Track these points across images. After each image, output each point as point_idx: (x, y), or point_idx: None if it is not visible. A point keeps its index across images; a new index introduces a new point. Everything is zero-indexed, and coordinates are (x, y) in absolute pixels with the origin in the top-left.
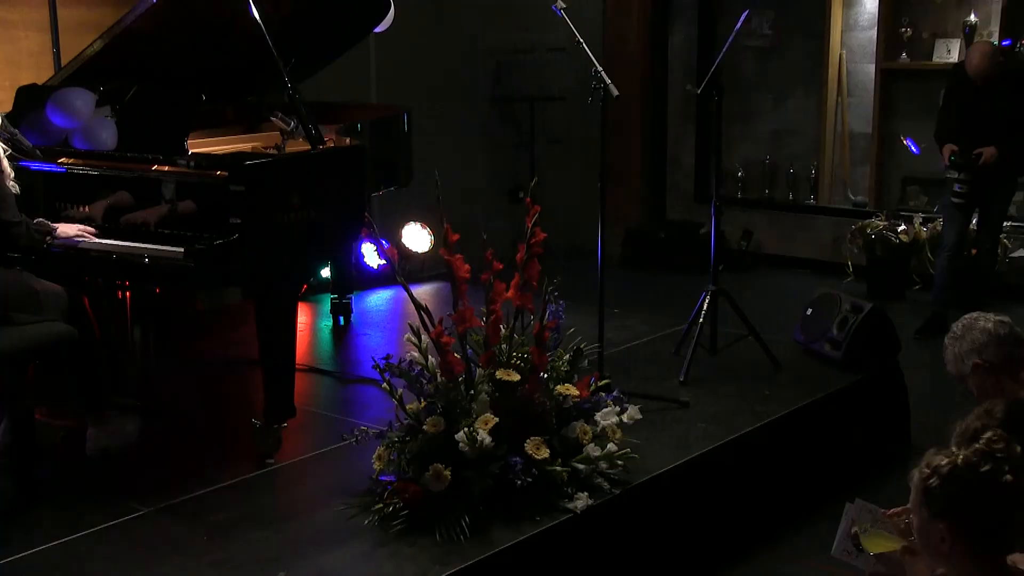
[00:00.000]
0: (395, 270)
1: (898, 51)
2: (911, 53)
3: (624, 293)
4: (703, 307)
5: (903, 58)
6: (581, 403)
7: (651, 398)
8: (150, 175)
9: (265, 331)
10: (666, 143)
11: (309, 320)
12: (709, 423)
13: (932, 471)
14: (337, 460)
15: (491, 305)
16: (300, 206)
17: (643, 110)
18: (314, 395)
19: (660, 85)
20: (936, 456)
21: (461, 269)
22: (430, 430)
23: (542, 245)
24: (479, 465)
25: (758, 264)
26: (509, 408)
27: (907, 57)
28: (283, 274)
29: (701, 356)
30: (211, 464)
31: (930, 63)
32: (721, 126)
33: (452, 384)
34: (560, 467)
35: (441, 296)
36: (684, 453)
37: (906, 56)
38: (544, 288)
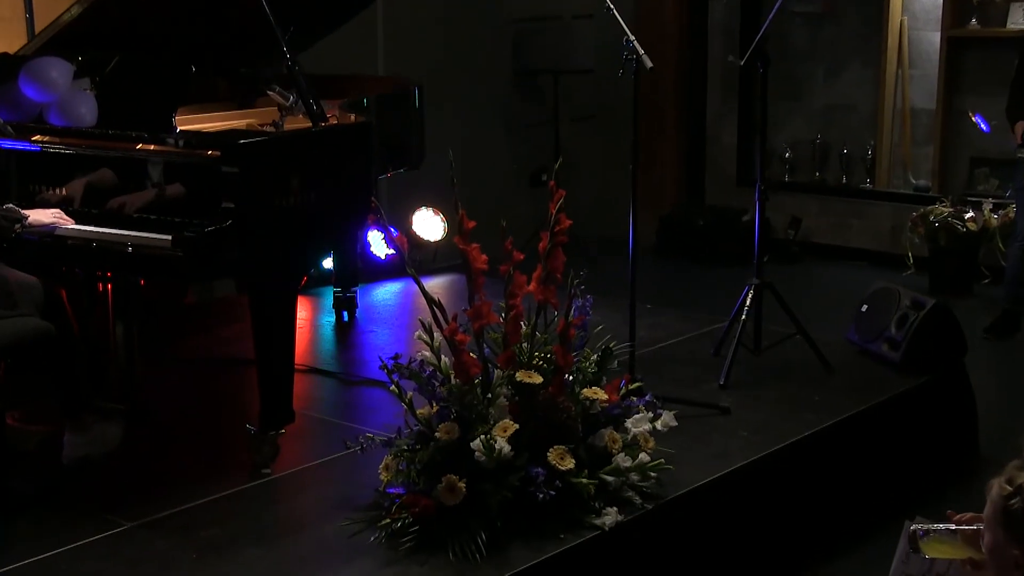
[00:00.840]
0: (405, 261)
1: (967, 16)
2: (982, 19)
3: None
4: (746, 303)
5: (972, 24)
6: (610, 408)
7: (687, 403)
8: (134, 155)
9: (261, 328)
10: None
11: (309, 316)
12: (752, 431)
13: (1016, 491)
14: (340, 470)
15: (511, 299)
16: (300, 190)
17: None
18: (315, 398)
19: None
20: (1022, 474)
21: (477, 260)
22: (443, 438)
23: (567, 233)
24: (497, 476)
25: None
26: (530, 414)
27: (977, 23)
28: (281, 265)
29: (743, 357)
30: (201, 474)
31: (1003, 30)
32: (767, 101)
33: (467, 387)
34: (586, 479)
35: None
36: (724, 464)
37: (976, 22)
38: (569, 281)
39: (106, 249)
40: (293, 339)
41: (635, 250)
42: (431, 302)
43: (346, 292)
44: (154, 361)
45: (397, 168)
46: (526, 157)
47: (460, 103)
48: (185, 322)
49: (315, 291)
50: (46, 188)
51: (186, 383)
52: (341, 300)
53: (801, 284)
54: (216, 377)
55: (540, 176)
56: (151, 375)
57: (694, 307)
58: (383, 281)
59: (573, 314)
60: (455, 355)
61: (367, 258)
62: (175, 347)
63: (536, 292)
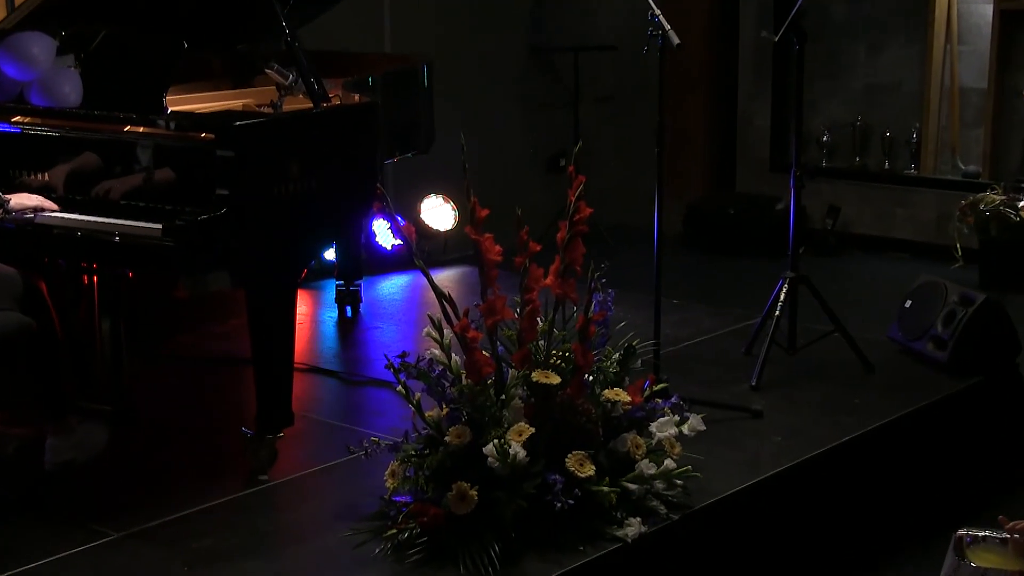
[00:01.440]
0: (412, 252)
1: None
2: None
3: (685, 280)
4: (779, 298)
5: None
6: (633, 411)
7: (717, 406)
8: (122, 137)
9: (258, 324)
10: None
11: (310, 311)
12: (786, 436)
13: None
14: (343, 477)
15: (527, 294)
16: (300, 175)
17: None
18: (316, 400)
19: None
20: None
21: (491, 251)
22: (453, 442)
23: (588, 223)
24: (511, 484)
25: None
26: (547, 416)
27: None
28: (280, 256)
29: (777, 356)
30: (194, 481)
31: None
32: (803, 81)
33: (480, 387)
34: (608, 487)
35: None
36: (756, 472)
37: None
38: (589, 274)
39: (91, 238)
40: (292, 336)
41: (660, 241)
42: (441, 296)
43: (349, 285)
44: (143, 359)
45: (404, 152)
46: (543, 141)
47: (472, 82)
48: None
49: (316, 284)
50: (27, 173)
51: (177, 383)
52: (344, 294)
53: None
54: (209, 376)
55: (558, 161)
56: (140, 374)
57: (724, 302)
58: (389, 274)
59: (593, 309)
60: (467, 353)
61: (372, 249)
62: (165, 344)
63: (554, 286)
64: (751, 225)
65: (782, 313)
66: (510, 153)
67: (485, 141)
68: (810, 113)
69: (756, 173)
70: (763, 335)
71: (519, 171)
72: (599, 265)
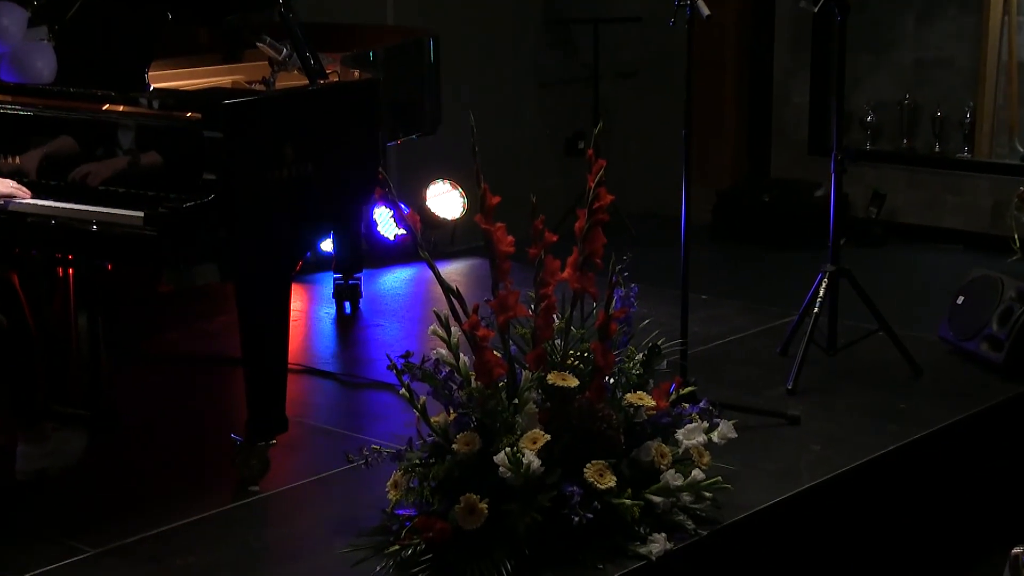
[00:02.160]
0: (417, 242)
1: None
2: None
3: (715, 274)
4: (819, 293)
5: None
6: (658, 417)
7: (749, 411)
8: (100, 117)
9: (249, 321)
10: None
11: (306, 307)
12: (825, 445)
13: None
14: (341, 488)
15: (542, 288)
16: (295, 159)
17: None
18: (312, 404)
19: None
20: None
21: (503, 242)
22: (461, 450)
23: (608, 210)
24: (525, 496)
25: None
26: (564, 422)
27: None
28: (273, 247)
29: (816, 357)
30: (178, 492)
31: None
32: (845, 55)
33: (490, 391)
34: (630, 500)
35: (477, 276)
36: (792, 484)
37: None
38: (611, 267)
39: (67, 227)
40: (286, 334)
41: (688, 230)
42: (448, 291)
43: (348, 279)
44: (123, 359)
45: (409, 133)
46: (560, 121)
47: (483, 57)
48: (160, 314)
49: (312, 278)
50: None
51: (161, 385)
52: (343, 288)
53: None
54: (196, 378)
55: (576, 143)
56: (120, 376)
57: (757, 298)
58: (391, 266)
59: (615, 306)
60: (476, 353)
61: (373, 239)
62: (148, 343)
63: (571, 280)
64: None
65: (821, 310)
66: (524, 135)
67: (496, 122)
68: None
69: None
70: (800, 334)
71: (534, 154)
72: (621, 257)
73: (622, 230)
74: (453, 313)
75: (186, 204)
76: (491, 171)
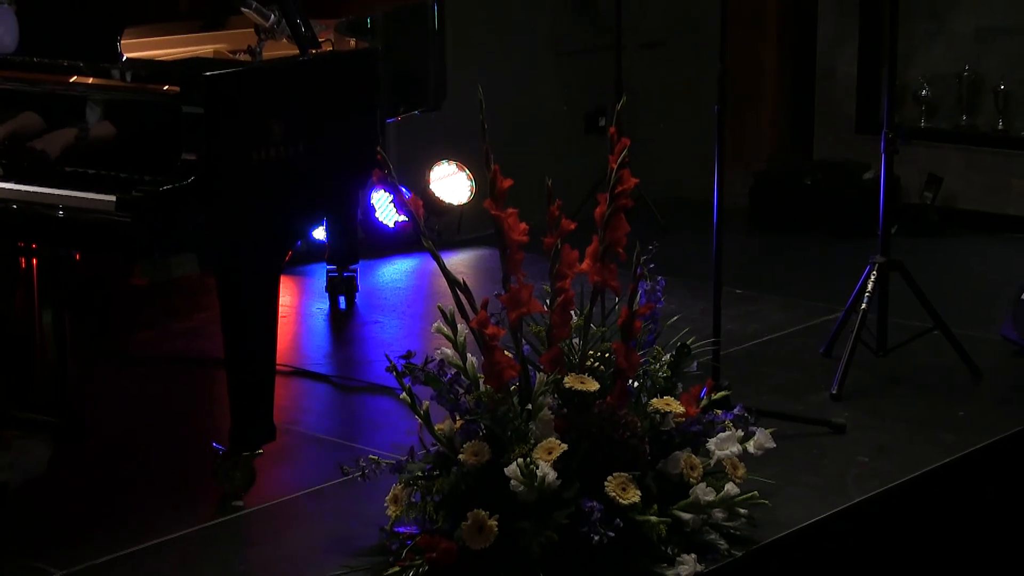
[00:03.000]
0: (420, 230)
1: None
2: None
3: (751, 265)
4: (867, 287)
5: None
6: (687, 425)
7: (789, 419)
8: (68, 90)
9: (233, 318)
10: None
11: (296, 301)
12: (874, 456)
13: None
14: (334, 503)
15: (558, 282)
16: (284, 137)
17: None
18: (302, 409)
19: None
20: None
21: (515, 229)
22: (469, 461)
23: (632, 195)
24: (539, 512)
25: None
26: (583, 431)
27: None
28: (259, 235)
29: (863, 359)
30: (154, 508)
31: None
32: (897, 23)
33: (501, 395)
34: (656, 517)
35: (486, 268)
36: (837, 499)
37: None
38: (635, 258)
39: (30, 213)
40: (275, 332)
41: (721, 217)
42: (454, 284)
43: (343, 271)
44: (92, 360)
45: (411, 109)
46: (579, 95)
47: (494, 25)
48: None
49: (303, 269)
50: None
51: (134, 389)
52: (337, 281)
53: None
54: (173, 381)
55: (597, 120)
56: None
57: (799, 292)
58: (391, 257)
59: (640, 301)
60: (485, 354)
61: (371, 227)
62: (120, 342)
63: (591, 272)
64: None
65: (870, 306)
66: (539, 110)
67: (509, 96)
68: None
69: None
70: (846, 333)
71: (550, 132)
72: (646, 247)
73: (648, 217)
74: (459, 309)
75: (163, 187)
76: (502, 151)
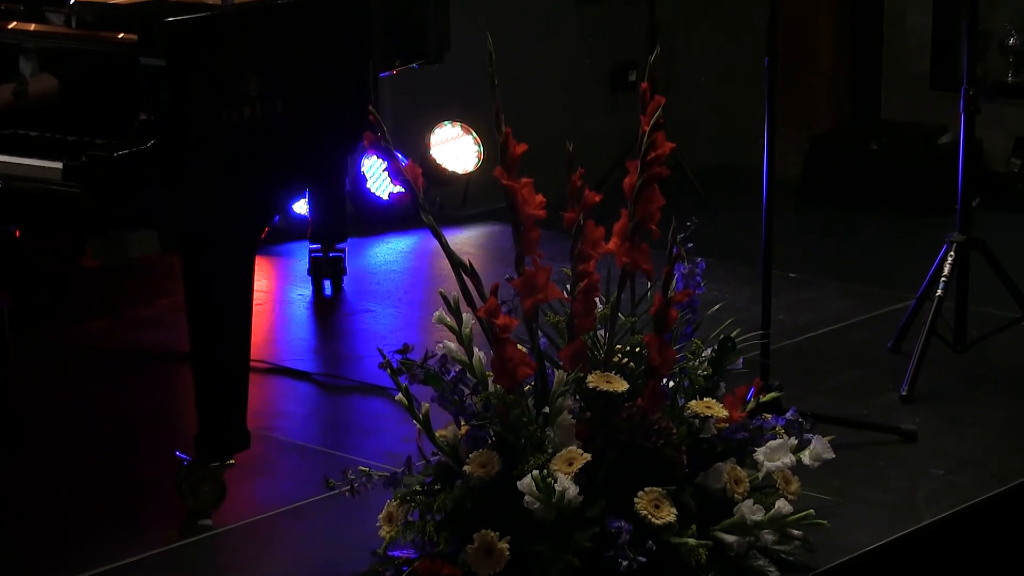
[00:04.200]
0: (418, 204)
1: None
2: None
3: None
4: (943, 271)
5: None
6: (731, 431)
7: (852, 425)
8: (5, 39)
9: (199, 305)
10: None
11: (273, 286)
12: (952, 469)
13: None
14: (318, 522)
15: (581, 264)
16: (260, 94)
17: None
18: (281, 413)
19: None
20: None
21: (530, 203)
22: (476, 473)
23: (668, 163)
24: (558, 534)
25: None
26: (609, 438)
27: None
28: (230, 209)
29: (938, 354)
30: (106, 526)
31: None
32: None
33: (513, 396)
34: (695, 539)
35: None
36: (907, 520)
37: None
38: (671, 236)
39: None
40: (248, 322)
41: (772, 188)
42: (458, 267)
43: (329, 251)
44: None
45: (408, 62)
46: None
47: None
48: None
49: (282, 249)
50: None
51: (84, 388)
52: (322, 263)
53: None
54: (129, 379)
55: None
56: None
57: (862, 277)
58: (385, 235)
59: (676, 286)
60: (495, 348)
61: (361, 199)
62: (67, 334)
63: (619, 253)
64: (902, 166)
65: (946, 293)
66: (558, 63)
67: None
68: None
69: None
70: (919, 324)
71: (571, 89)
72: (684, 223)
73: (686, 188)
74: (465, 295)
75: (118, 152)
76: (515, 111)
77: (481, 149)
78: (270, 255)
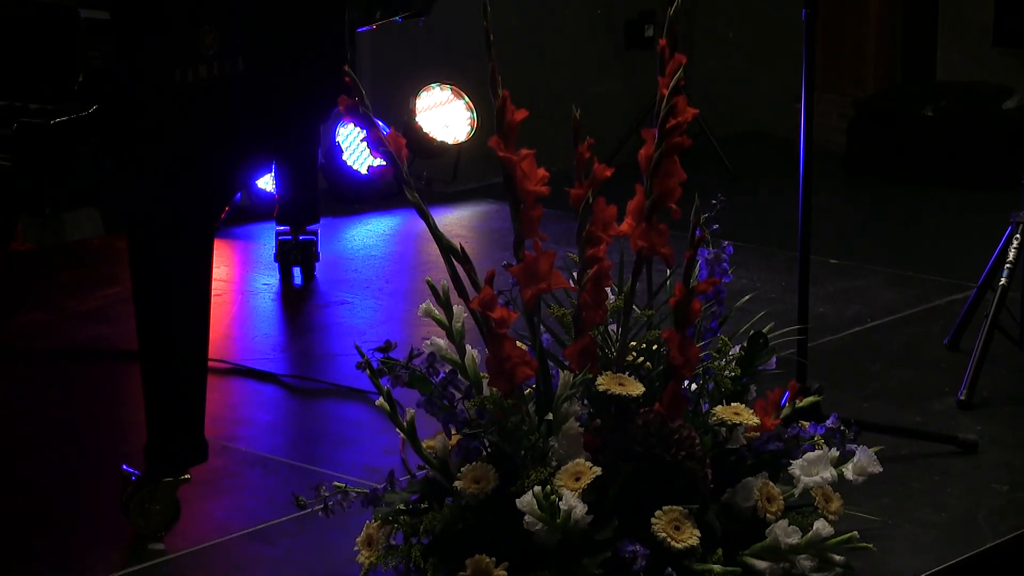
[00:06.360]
0: (402, 179)
1: None
2: None
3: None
4: (1007, 255)
5: None
6: (763, 442)
7: (902, 434)
8: None
9: (148, 296)
10: None
11: (235, 273)
12: (1017, 484)
13: None
14: (288, 545)
15: (590, 248)
16: (219, 52)
17: None
18: (244, 420)
19: None
20: None
21: (530, 177)
22: (468, 489)
23: (690, 131)
24: (563, 558)
25: None
26: (622, 449)
27: None
28: (184, 185)
29: (1001, 352)
30: (43, 551)
31: None
32: None
33: (512, 401)
34: (721, 565)
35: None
36: (967, 542)
37: None
38: (693, 216)
39: None
40: (206, 315)
41: (809, 162)
42: (449, 251)
43: (299, 233)
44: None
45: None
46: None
47: None
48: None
49: (244, 231)
50: None
51: (15, 391)
52: (290, 247)
53: None
54: (69, 380)
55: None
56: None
57: (914, 262)
58: (363, 215)
59: (699, 274)
60: (490, 345)
61: (335, 173)
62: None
63: (635, 235)
64: (961, 135)
65: (1011, 282)
66: (563, 17)
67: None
68: None
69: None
70: (979, 318)
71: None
72: (710, 202)
73: (712, 161)
74: (456, 284)
75: (55, 119)
76: (513, 72)
77: (474, 116)
78: (230, 238)
